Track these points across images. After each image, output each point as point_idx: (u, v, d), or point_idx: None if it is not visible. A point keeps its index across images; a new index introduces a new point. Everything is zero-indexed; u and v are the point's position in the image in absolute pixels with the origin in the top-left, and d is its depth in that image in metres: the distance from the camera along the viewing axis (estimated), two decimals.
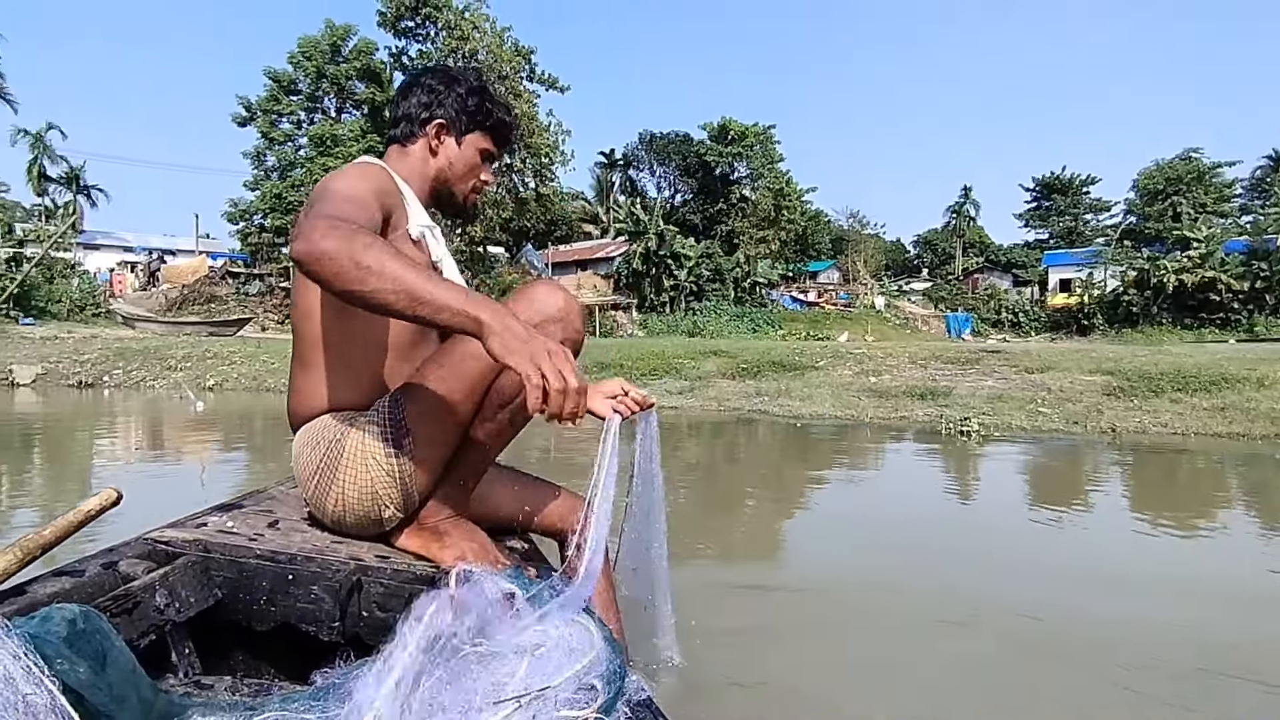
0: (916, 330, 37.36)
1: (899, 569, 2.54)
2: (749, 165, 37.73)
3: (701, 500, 3.76)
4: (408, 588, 1.14)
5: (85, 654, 0.74)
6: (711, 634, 1.85)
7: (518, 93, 27.60)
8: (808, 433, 5.99)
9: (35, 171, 35.33)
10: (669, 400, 7.95)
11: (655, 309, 31.33)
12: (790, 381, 8.43)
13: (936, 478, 4.55)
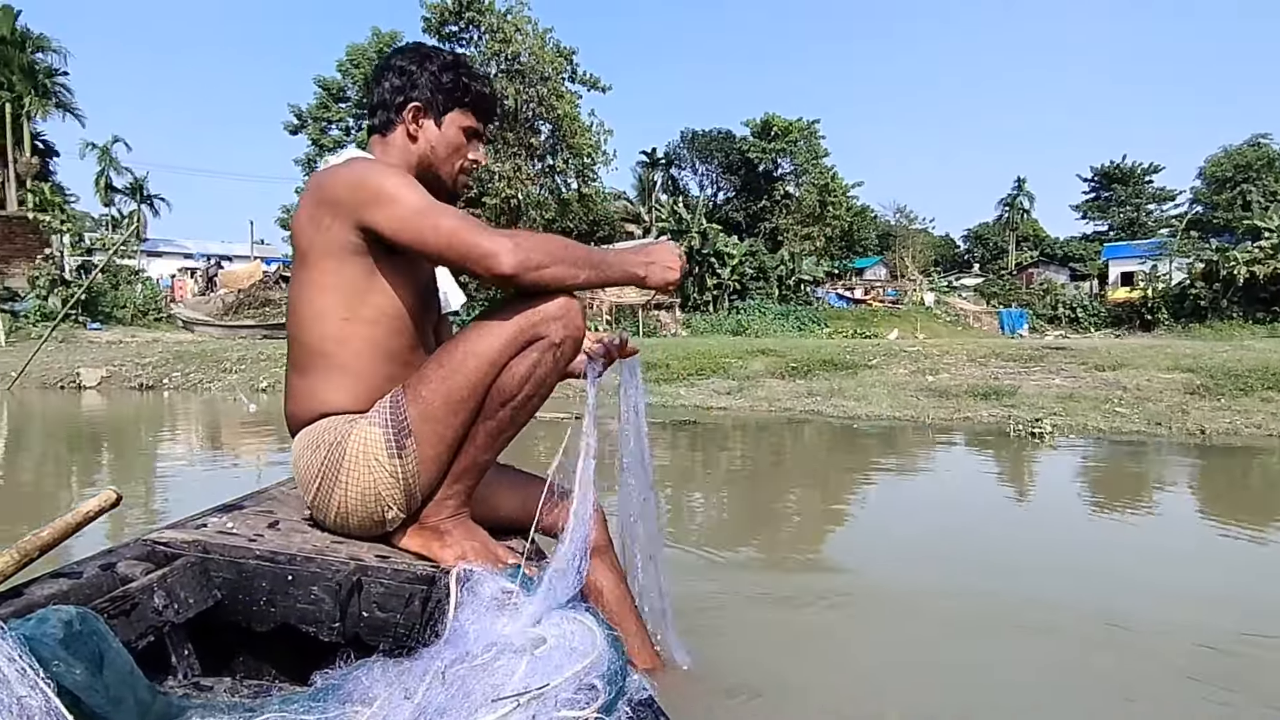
0: (968, 327, 36.27)
1: (974, 577, 2.32)
2: (793, 161, 37.18)
3: (753, 502, 3.57)
4: (408, 588, 1.14)
5: (81, 656, 0.74)
6: (752, 637, 1.77)
7: (560, 94, 27.69)
8: (865, 434, 5.73)
9: (102, 183, 36.91)
10: (717, 400, 7.75)
11: (698, 308, 31.06)
12: (843, 381, 8.15)
13: (1011, 482, 4.27)
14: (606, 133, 29.65)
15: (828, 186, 36.73)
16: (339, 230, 1.20)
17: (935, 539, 2.88)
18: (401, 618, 1.14)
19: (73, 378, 11.25)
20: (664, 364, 10.16)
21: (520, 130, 28.19)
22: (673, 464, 4.73)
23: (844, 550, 2.73)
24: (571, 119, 28.09)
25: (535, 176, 28.90)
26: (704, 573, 2.45)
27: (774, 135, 36.64)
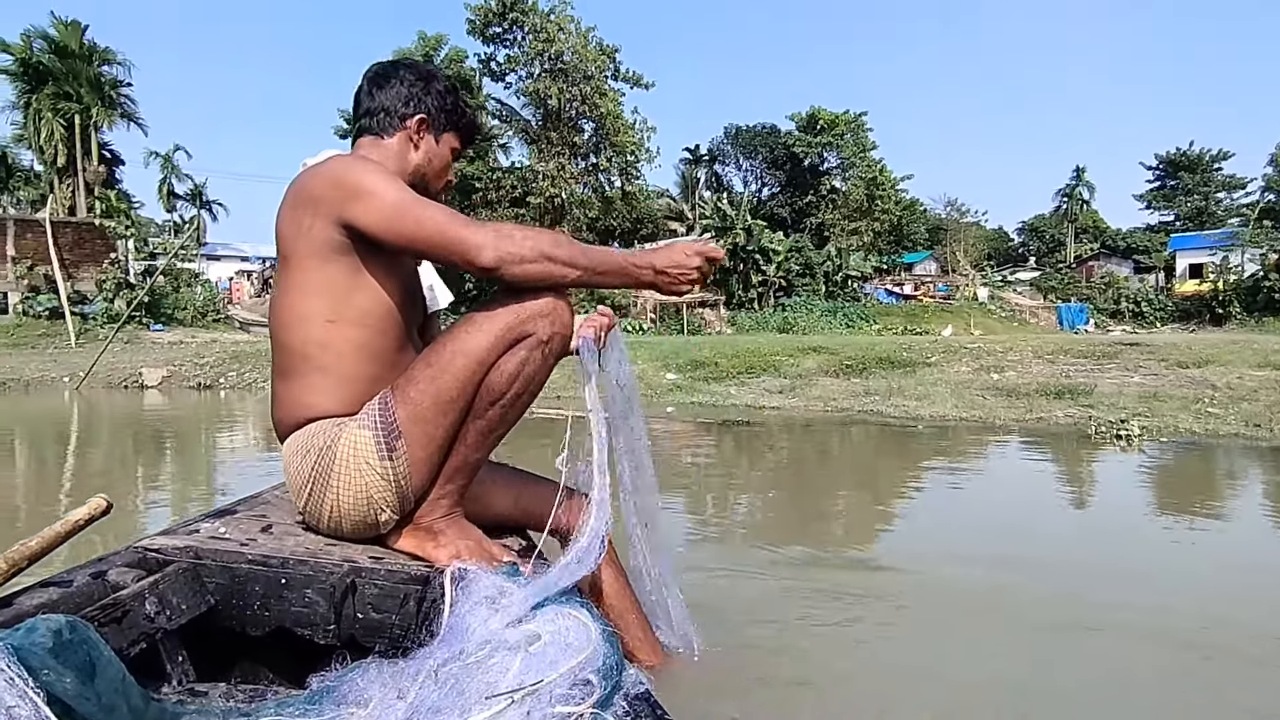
0: (1025, 323, 35.04)
1: (1058, 585, 2.08)
2: (839, 155, 36.40)
3: (816, 504, 3.36)
4: (402, 588, 1.14)
5: (72, 664, 0.74)
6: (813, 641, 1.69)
7: (603, 91, 27.63)
8: (931, 436, 5.43)
9: (164, 189, 38.37)
10: (770, 400, 7.51)
11: (743, 305, 30.66)
12: (901, 379, 7.82)
13: (1101, 489, 3.95)
14: (650, 130, 29.49)
15: (876, 180, 35.87)
16: (320, 229, 1.19)
17: (1019, 548, 2.63)
18: (397, 618, 1.14)
19: (135, 377, 11.60)
20: (712, 362, 9.94)
21: (564, 129, 28.24)
22: (726, 465, 4.54)
23: (916, 555, 2.50)
24: (615, 117, 28.00)
25: (579, 175, 28.90)
26: (762, 572, 2.29)
27: (820, 129, 35.93)
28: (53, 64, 24.76)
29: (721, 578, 2.30)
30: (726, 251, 30.29)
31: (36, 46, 24.62)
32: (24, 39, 24.49)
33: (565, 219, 28.45)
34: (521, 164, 30.17)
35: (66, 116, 24.99)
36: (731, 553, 2.56)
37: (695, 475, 4.31)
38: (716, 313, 30.78)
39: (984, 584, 2.24)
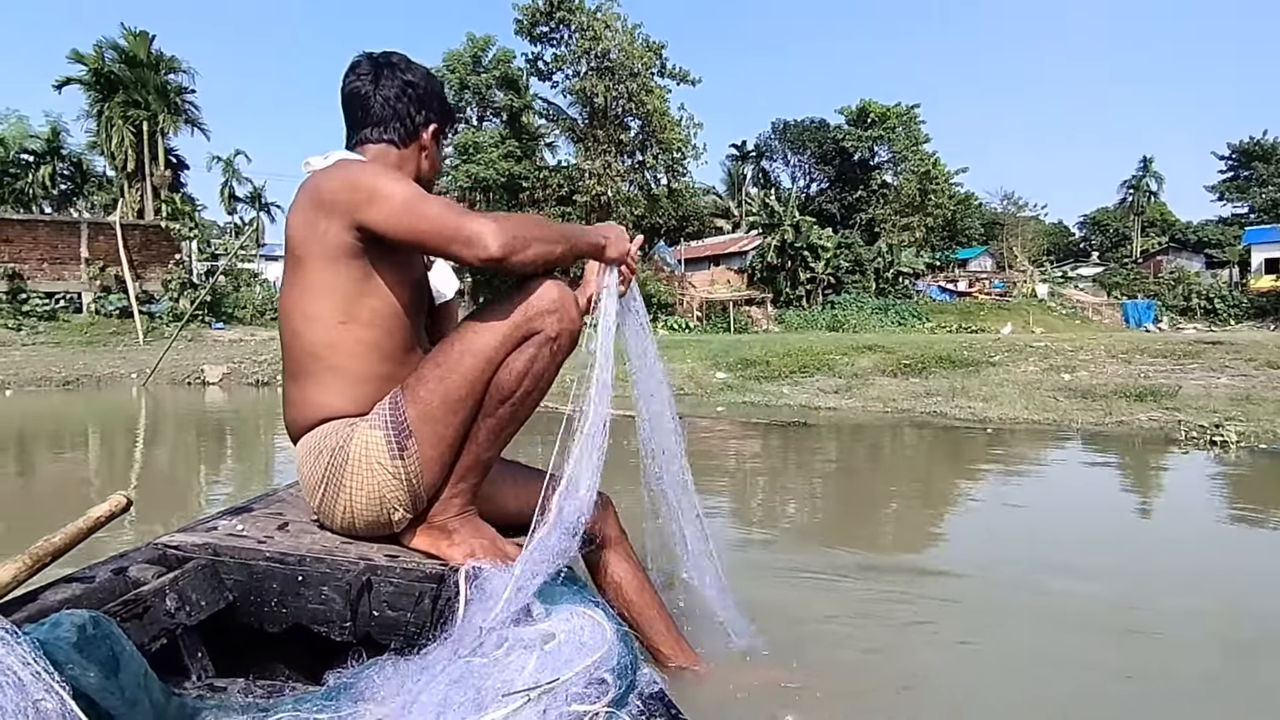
0: (1087, 320, 33.66)
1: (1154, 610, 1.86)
2: (891, 149, 35.52)
3: (884, 512, 3.17)
4: (417, 586, 1.15)
5: (96, 659, 0.74)
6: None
7: (649, 88, 27.51)
8: (1002, 439, 5.15)
9: (226, 192, 39.75)
10: (825, 400, 7.28)
11: (791, 303, 30.19)
12: (964, 379, 7.49)
13: (1202, 498, 3.65)
14: (696, 126, 29.25)
15: (929, 174, 34.88)
16: (335, 232, 1.18)
17: (1118, 560, 2.40)
18: (412, 616, 1.14)
19: (197, 374, 11.97)
20: (763, 361, 9.73)
21: (610, 127, 28.21)
22: (787, 468, 4.36)
23: (1006, 563, 2.31)
24: (661, 114, 27.84)
25: (625, 173, 28.84)
26: (840, 578, 2.12)
27: (870, 122, 35.11)
28: (123, 73, 25.84)
29: (795, 585, 2.15)
30: (775, 247, 29.90)
31: (108, 57, 25.73)
32: (96, 49, 25.63)
33: (611, 217, 28.43)
34: (568, 162, 30.26)
35: (135, 123, 26.06)
36: (808, 559, 2.41)
37: (753, 478, 4.15)
38: (763, 311, 30.37)
39: (1080, 598, 2.04)
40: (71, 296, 19.16)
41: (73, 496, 3.79)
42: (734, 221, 42.74)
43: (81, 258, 19.39)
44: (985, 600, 2.10)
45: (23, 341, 16.91)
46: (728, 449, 5.08)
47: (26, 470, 4.68)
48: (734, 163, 44.01)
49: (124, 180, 27.21)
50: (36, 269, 18.90)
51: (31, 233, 19.21)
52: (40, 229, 19.43)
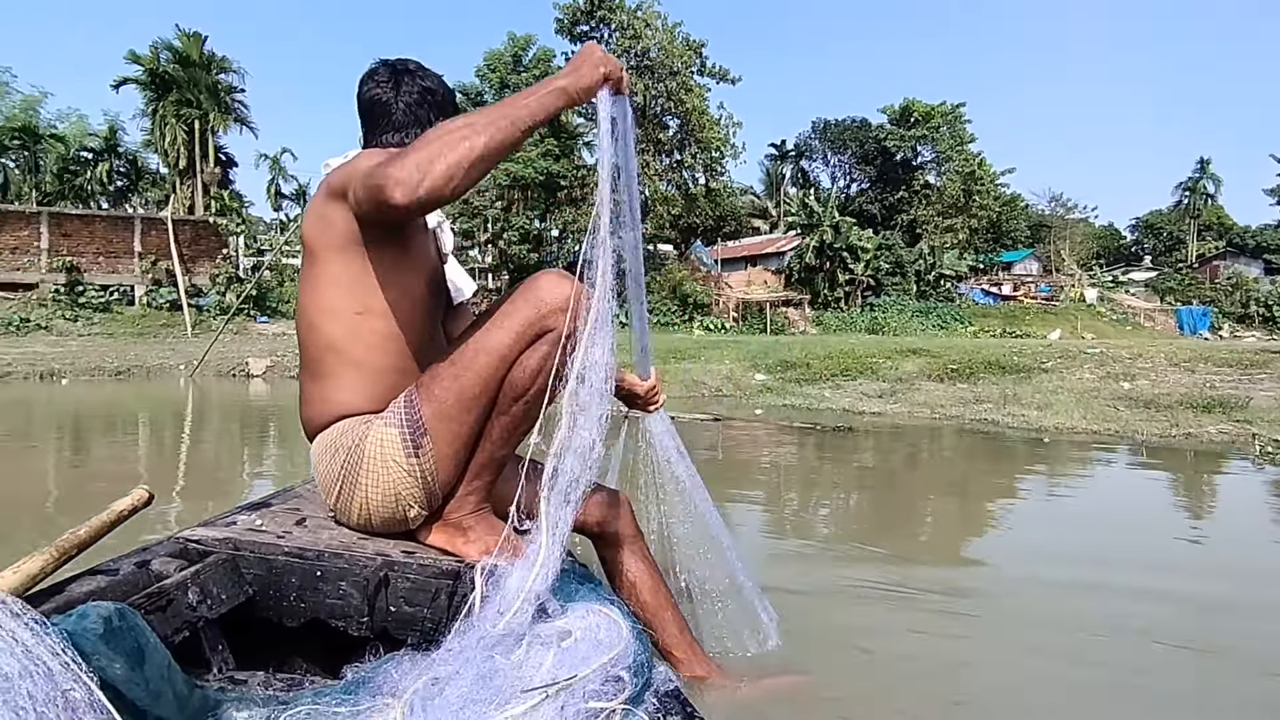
0: (1139, 327, 32.52)
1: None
2: (935, 148, 34.79)
3: (939, 525, 3.01)
4: (434, 583, 1.16)
5: (121, 650, 0.75)
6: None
7: (689, 87, 27.36)
8: (1060, 450, 4.92)
9: (272, 189, 40.71)
10: (869, 404, 7.08)
11: (829, 305, 29.74)
12: (1015, 386, 7.22)
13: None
14: (735, 125, 28.99)
15: (974, 174, 34.09)
16: (343, 222, 1.18)
17: (1194, 587, 2.22)
18: (428, 612, 1.15)
19: (242, 366, 12.21)
20: (803, 363, 9.55)
21: (648, 126, 28.11)
22: (830, 475, 4.22)
23: (1087, 587, 2.15)
24: (700, 113, 27.67)
25: (663, 172, 28.72)
26: (875, 597, 1.98)
27: (914, 122, 34.43)
28: (176, 73, 26.62)
29: (841, 599, 2.03)
30: (813, 247, 29.52)
31: (163, 57, 26.54)
32: (152, 50, 26.46)
33: (648, 216, 28.33)
34: None
35: (188, 122, 26.83)
36: (854, 572, 2.28)
37: (796, 485, 4.02)
38: (801, 312, 29.97)
39: (1148, 621, 1.88)
40: (125, 289, 19.79)
41: (117, 482, 3.82)
42: (771, 222, 42.31)
43: (135, 252, 20.01)
44: (1041, 620, 1.95)
45: (79, 332, 17.51)
46: (768, 453, 4.95)
47: (81, 454, 4.77)
48: (772, 162, 43.58)
49: (176, 177, 28.03)
50: (93, 262, 19.55)
51: (89, 227, 19.89)
52: (97, 224, 20.12)
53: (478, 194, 28.43)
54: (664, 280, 27.88)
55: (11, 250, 18.88)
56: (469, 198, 28.37)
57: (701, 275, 30.34)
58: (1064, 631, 1.90)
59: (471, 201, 28.30)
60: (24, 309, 18.05)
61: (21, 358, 13.02)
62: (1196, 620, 2.01)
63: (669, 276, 28.05)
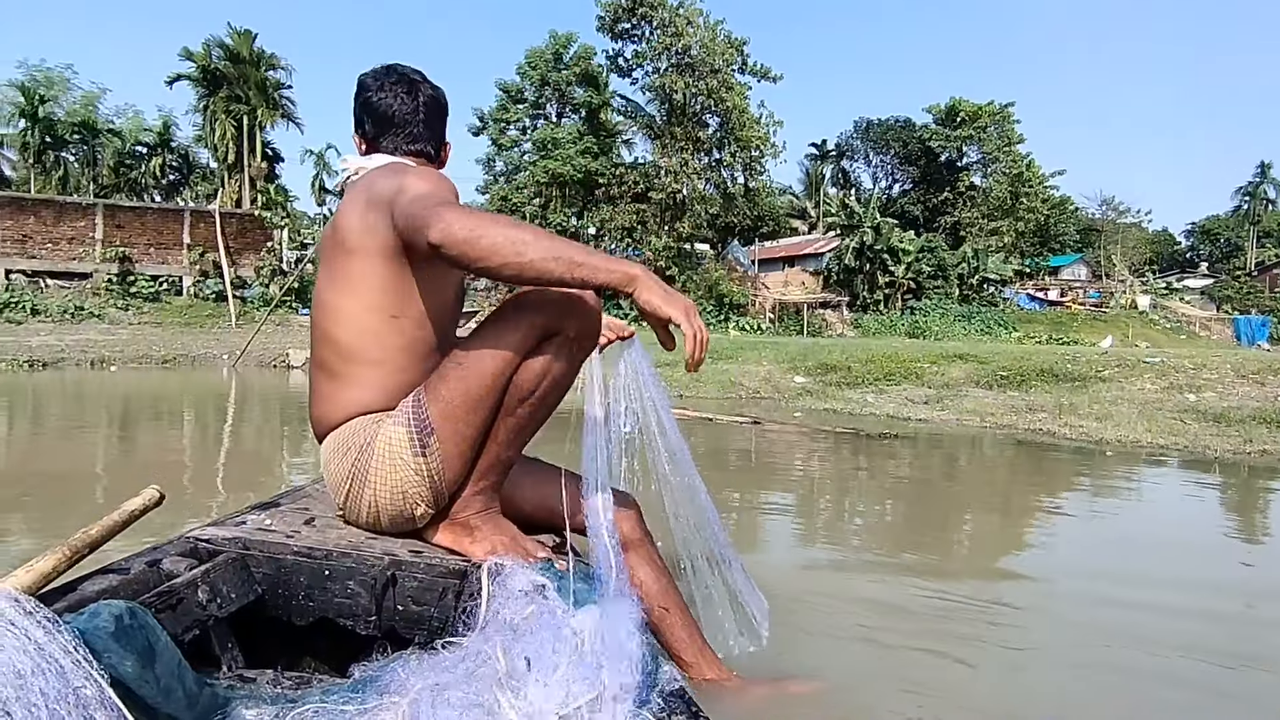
0: (1194, 335, 31.30)
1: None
2: (981, 149, 33.90)
3: (977, 539, 2.81)
4: (441, 582, 1.17)
5: (132, 648, 0.76)
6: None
7: (730, 85, 27.08)
8: (1125, 464, 4.64)
9: (317, 184, 41.51)
10: (914, 410, 6.84)
11: (867, 308, 29.20)
12: (1070, 395, 6.90)
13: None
14: (776, 124, 28.61)
15: (1021, 176, 33.12)
16: (386, 230, 1.19)
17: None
18: (435, 611, 1.16)
19: (283, 358, 12.39)
20: (844, 366, 9.31)
21: (688, 124, 27.90)
22: (878, 483, 4.03)
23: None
24: (740, 111, 27.36)
25: (701, 170, 28.48)
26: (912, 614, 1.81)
27: (960, 121, 33.60)
28: (227, 69, 27.27)
29: (887, 617, 1.87)
30: (853, 249, 29.00)
31: (215, 54, 27.20)
32: (205, 47, 27.14)
33: (686, 215, 28.15)
34: (644, 160, 30.14)
35: (236, 117, 27.46)
36: (896, 591, 2.12)
37: (842, 495, 3.84)
38: (838, 314, 29.47)
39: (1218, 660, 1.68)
40: (174, 280, 20.30)
41: (157, 469, 3.83)
42: (810, 223, 41.75)
43: (184, 243, 20.52)
44: (1101, 644, 1.76)
45: (129, 321, 18.01)
46: (807, 459, 4.78)
47: (127, 440, 4.82)
48: (812, 162, 42.97)
49: (225, 172, 28.72)
50: (144, 253, 20.09)
51: (141, 219, 20.46)
52: (148, 215, 20.69)
53: (516, 191, 28.59)
54: (700, 280, 27.67)
55: (68, 240, 19.51)
56: (508, 194, 28.54)
57: (738, 275, 30.04)
58: (1124, 651, 1.72)
59: (510, 198, 28.47)
60: (79, 298, 18.64)
61: (75, 345, 13.42)
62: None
63: (705, 276, 27.82)
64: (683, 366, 1.18)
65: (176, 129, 32.91)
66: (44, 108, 29.00)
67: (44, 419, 6.14)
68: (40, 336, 14.46)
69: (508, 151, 29.41)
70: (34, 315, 17.36)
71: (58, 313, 17.66)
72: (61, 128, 30.03)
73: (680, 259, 28.19)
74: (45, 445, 4.78)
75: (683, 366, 1.18)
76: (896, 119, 37.32)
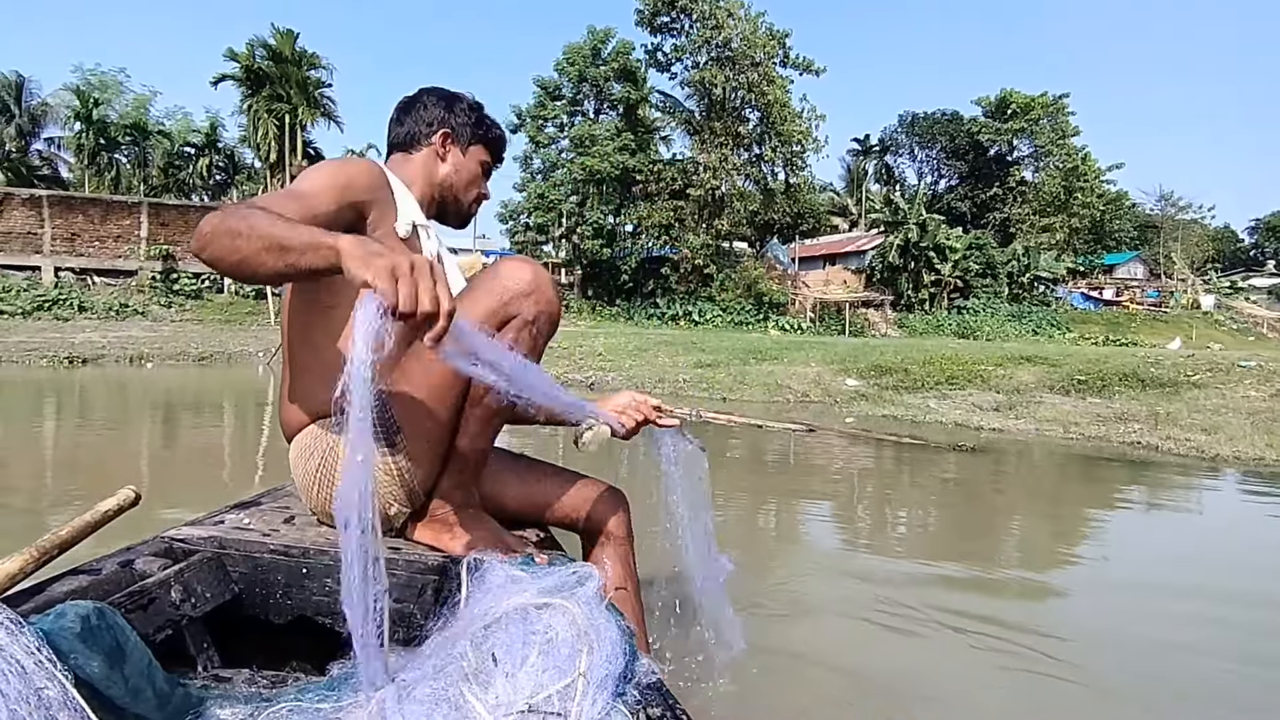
0: (1262, 337, 29.67)
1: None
2: (1033, 142, 32.62)
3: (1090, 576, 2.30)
4: (420, 579, 1.17)
5: (99, 649, 0.76)
6: None
7: (771, 78, 26.41)
8: (1267, 489, 4.05)
9: None
10: (984, 419, 6.25)
11: (912, 307, 28.26)
12: (1163, 403, 6.24)
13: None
14: (818, 118, 27.82)
15: (1076, 170, 31.77)
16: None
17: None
18: (415, 607, 1.16)
19: None
20: (899, 368, 8.74)
21: (728, 119, 27.31)
22: (970, 508, 3.52)
23: None
24: (782, 105, 26.66)
25: (741, 166, 27.84)
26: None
27: (1011, 114, 32.38)
28: (269, 69, 27.55)
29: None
30: (898, 246, 28.09)
31: (258, 55, 27.51)
32: (248, 47, 27.46)
33: (725, 211, 27.57)
34: (683, 156, 29.62)
35: (278, 116, 27.73)
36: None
37: (922, 520, 3.34)
38: (882, 314, 28.58)
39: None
40: (215, 277, 20.49)
41: (188, 464, 3.51)
42: (851, 220, 40.77)
43: None
44: None
45: (172, 318, 18.20)
46: (875, 476, 4.27)
47: (166, 439, 4.56)
48: (854, 158, 41.93)
49: (267, 171, 29.05)
50: (187, 250, 20.31)
51: (184, 217, 20.70)
52: (191, 213, 20.92)
53: (553, 188, 28.33)
54: (739, 278, 27.06)
55: (115, 238, 19.82)
56: (545, 191, 28.31)
57: (777, 274, 29.34)
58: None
59: (547, 196, 28.23)
60: (124, 295, 18.91)
61: (116, 342, 13.50)
62: None
63: (744, 274, 27.20)
64: (719, 369, 0.87)
65: (223, 129, 33.50)
66: (98, 110, 29.75)
67: (67, 413, 5.96)
68: (85, 333, 14.60)
69: (545, 149, 29.17)
70: (81, 312, 17.64)
71: (103, 310, 17.92)
72: (114, 130, 30.78)
73: (718, 257, 27.60)
74: (43, 439, 4.54)
75: (719, 369, 0.87)
76: (943, 112, 36.21)
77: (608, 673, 0.80)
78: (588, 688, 0.77)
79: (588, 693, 0.77)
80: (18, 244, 19.05)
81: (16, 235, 19.04)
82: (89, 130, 29.60)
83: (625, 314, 26.48)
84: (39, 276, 18.86)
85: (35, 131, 31.94)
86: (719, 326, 24.60)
